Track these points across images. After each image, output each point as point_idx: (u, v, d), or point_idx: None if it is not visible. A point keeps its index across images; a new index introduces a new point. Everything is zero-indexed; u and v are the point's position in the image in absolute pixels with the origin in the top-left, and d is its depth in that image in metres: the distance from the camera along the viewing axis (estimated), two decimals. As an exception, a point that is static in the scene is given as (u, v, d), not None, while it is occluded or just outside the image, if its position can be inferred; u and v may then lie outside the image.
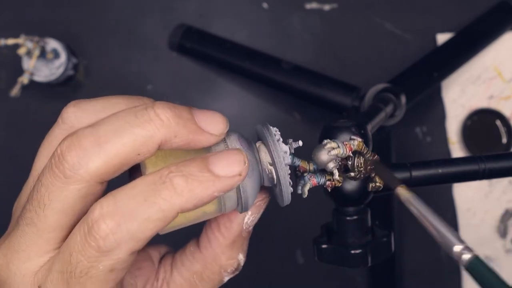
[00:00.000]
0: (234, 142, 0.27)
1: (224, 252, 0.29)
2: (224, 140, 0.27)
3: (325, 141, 0.28)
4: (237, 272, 0.30)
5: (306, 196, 0.28)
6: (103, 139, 0.23)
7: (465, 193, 0.66)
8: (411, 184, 0.34)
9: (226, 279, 0.30)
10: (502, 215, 0.65)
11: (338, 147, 0.27)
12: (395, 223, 0.62)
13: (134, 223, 0.22)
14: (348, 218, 0.34)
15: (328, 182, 0.29)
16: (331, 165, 0.27)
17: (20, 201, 0.27)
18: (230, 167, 0.24)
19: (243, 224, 0.29)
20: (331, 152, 0.27)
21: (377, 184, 0.30)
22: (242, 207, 0.27)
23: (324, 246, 0.35)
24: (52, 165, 0.23)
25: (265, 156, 0.27)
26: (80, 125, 0.26)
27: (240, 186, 0.26)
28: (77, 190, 0.23)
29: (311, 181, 0.28)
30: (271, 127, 0.28)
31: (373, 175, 0.29)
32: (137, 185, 0.23)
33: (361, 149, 0.29)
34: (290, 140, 0.28)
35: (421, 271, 0.66)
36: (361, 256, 0.33)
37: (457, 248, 0.23)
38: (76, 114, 0.27)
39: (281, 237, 0.66)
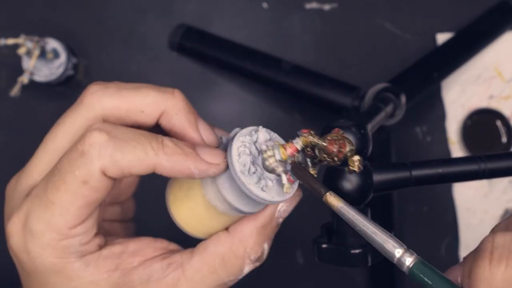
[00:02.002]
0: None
1: (252, 235, 0.30)
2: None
3: (264, 148, 0.28)
4: (258, 264, 0.31)
5: (286, 193, 0.28)
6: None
7: (465, 193, 0.66)
8: (411, 184, 0.34)
9: (246, 270, 0.30)
10: (502, 215, 0.65)
11: (274, 154, 0.28)
12: (395, 223, 0.62)
13: (120, 147, 0.25)
14: (348, 218, 0.34)
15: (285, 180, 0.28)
16: (279, 170, 0.28)
17: (27, 175, 0.29)
18: (211, 156, 0.27)
19: (276, 211, 0.31)
20: (266, 162, 0.28)
21: (351, 168, 0.28)
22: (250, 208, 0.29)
23: (324, 246, 0.35)
24: (73, 154, 0.26)
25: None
26: (101, 106, 0.28)
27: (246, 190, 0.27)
28: (86, 119, 0.28)
29: (288, 178, 0.28)
30: (238, 138, 0.28)
31: (338, 158, 0.28)
32: (137, 131, 0.27)
33: (310, 143, 0.28)
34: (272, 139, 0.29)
35: (421, 271, 0.65)
36: (361, 256, 0.33)
37: (398, 252, 0.22)
38: (97, 95, 0.29)
39: (281, 237, 0.66)
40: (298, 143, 0.28)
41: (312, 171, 0.29)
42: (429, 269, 0.21)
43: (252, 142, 0.28)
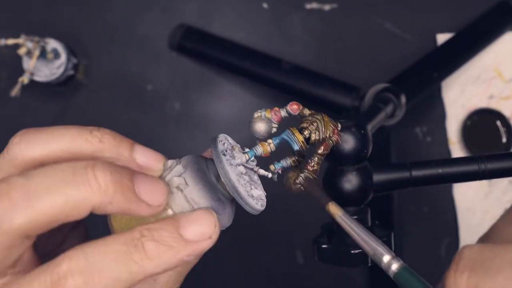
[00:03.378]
0: (190, 179, 0.26)
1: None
2: (180, 174, 0.26)
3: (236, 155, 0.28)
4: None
5: (275, 179, 0.28)
6: (33, 194, 0.22)
7: (465, 193, 0.66)
8: (411, 184, 0.34)
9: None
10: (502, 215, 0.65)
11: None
12: (395, 223, 0.62)
13: (102, 282, 0.22)
14: (348, 218, 0.34)
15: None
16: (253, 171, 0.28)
17: None
18: (200, 231, 0.24)
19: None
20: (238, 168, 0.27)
21: (331, 141, 0.29)
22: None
23: (324, 246, 0.35)
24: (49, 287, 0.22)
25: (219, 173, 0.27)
26: (22, 157, 0.25)
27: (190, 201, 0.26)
28: (1, 242, 0.22)
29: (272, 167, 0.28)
30: (218, 140, 0.27)
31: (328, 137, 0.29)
32: (109, 243, 0.23)
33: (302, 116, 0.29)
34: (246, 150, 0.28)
35: (421, 271, 0.66)
36: (361, 256, 0.33)
37: (386, 258, 0.24)
38: (20, 146, 0.25)
39: (281, 237, 0.66)
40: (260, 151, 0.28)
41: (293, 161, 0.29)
42: (412, 276, 0.23)
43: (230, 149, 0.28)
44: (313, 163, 0.29)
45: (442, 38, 0.67)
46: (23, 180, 0.22)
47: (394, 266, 0.24)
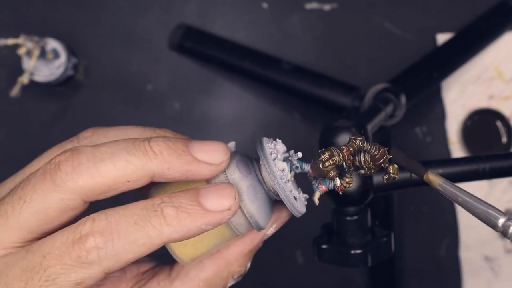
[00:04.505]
0: (232, 170, 0.26)
1: (238, 259, 0.29)
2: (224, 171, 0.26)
3: (319, 152, 0.26)
4: (240, 279, 0.30)
5: (318, 204, 0.27)
6: (98, 159, 0.24)
7: (465, 193, 0.66)
8: (411, 184, 0.34)
9: (229, 285, 0.29)
10: (502, 215, 0.65)
11: (334, 156, 0.26)
12: (395, 223, 0.62)
13: (121, 243, 0.23)
14: (348, 218, 0.34)
15: (337, 186, 0.27)
16: (332, 174, 0.26)
17: None
18: (220, 202, 0.24)
19: (265, 236, 0.30)
20: (325, 163, 0.26)
21: (392, 175, 0.28)
22: (257, 227, 0.27)
23: (324, 246, 0.35)
24: (46, 170, 0.24)
25: (266, 175, 0.27)
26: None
27: (246, 212, 0.26)
28: (60, 200, 0.24)
29: (320, 188, 0.27)
30: (266, 144, 0.27)
31: (386, 165, 0.27)
32: (130, 208, 0.24)
33: (362, 147, 0.27)
34: (291, 152, 0.27)
35: (421, 271, 0.66)
36: (361, 256, 0.33)
37: (501, 221, 0.23)
38: (91, 139, 0.28)
39: (281, 237, 0.66)
40: (354, 146, 0.26)
41: (347, 178, 0.27)
42: None
43: (277, 150, 0.27)
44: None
45: (442, 38, 0.67)
46: (90, 148, 0.24)
47: None
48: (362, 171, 0.27)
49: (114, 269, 0.23)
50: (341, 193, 0.27)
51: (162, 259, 0.30)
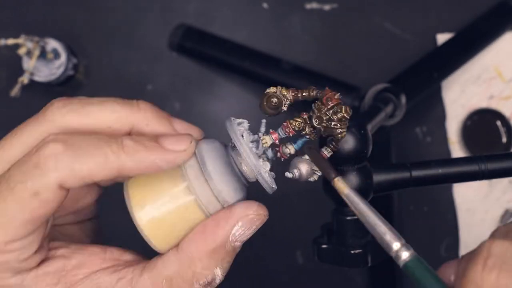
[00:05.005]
0: (202, 151, 0.28)
1: (201, 259, 0.27)
2: (195, 154, 0.28)
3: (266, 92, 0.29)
4: None
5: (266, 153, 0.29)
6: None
7: (465, 193, 0.66)
8: (411, 184, 0.34)
9: None
10: (502, 215, 0.65)
11: (276, 92, 0.30)
12: (395, 223, 0.62)
13: (78, 154, 0.24)
14: (348, 218, 0.34)
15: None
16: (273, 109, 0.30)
17: None
18: (176, 143, 0.26)
19: (230, 234, 0.27)
20: (270, 98, 0.30)
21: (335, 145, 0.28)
22: (221, 204, 0.28)
23: (324, 246, 0.35)
24: (30, 154, 0.25)
25: (235, 152, 0.28)
26: (62, 123, 0.27)
27: (213, 187, 0.27)
28: (45, 132, 0.27)
29: (272, 135, 0.29)
30: (234, 123, 0.29)
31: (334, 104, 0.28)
32: (94, 136, 0.26)
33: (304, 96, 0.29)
34: (260, 134, 0.30)
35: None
36: (361, 256, 0.33)
37: (396, 246, 0.22)
38: (61, 111, 0.28)
39: (281, 237, 0.66)
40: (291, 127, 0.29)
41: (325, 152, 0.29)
42: (423, 266, 0.22)
43: (244, 128, 0.29)
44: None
45: (442, 38, 0.67)
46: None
47: (405, 255, 0.22)
48: (324, 126, 0.27)
49: (68, 182, 0.24)
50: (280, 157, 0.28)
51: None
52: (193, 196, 0.27)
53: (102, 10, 0.71)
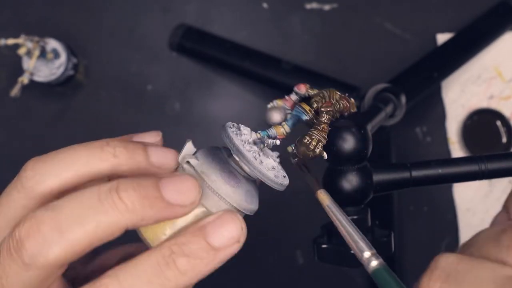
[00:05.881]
0: (212, 175, 0.26)
1: None
2: (199, 174, 0.26)
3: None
4: None
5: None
6: (64, 226, 0.22)
7: (465, 193, 0.66)
8: (411, 184, 0.34)
9: None
10: (502, 215, 0.65)
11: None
12: (395, 223, 0.62)
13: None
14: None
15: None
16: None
17: None
18: (228, 237, 0.23)
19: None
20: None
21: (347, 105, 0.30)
22: (229, 203, 0.26)
23: (324, 246, 0.35)
24: (10, 248, 0.22)
25: (237, 162, 0.27)
26: (39, 190, 0.24)
27: (216, 193, 0.25)
28: (36, 276, 0.22)
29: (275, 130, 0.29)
30: (228, 127, 0.27)
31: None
32: (140, 264, 0.23)
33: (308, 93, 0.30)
34: (260, 134, 0.28)
35: (421, 271, 0.66)
36: (361, 256, 0.33)
37: (367, 254, 0.24)
38: (34, 179, 0.24)
39: (281, 237, 0.66)
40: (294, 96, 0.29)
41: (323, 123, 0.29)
42: (389, 276, 0.23)
43: (240, 131, 0.28)
44: (321, 124, 0.29)
45: (442, 38, 0.67)
46: (50, 213, 0.22)
47: (374, 263, 0.24)
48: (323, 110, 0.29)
49: (66, 262, 0.22)
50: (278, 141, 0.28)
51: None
52: (205, 208, 0.26)
53: (102, 10, 0.71)
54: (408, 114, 0.56)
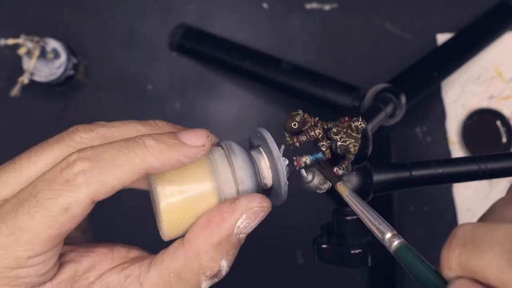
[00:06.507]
0: (233, 146, 0.30)
1: (207, 251, 0.27)
2: (225, 148, 0.30)
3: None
4: (216, 280, 0.29)
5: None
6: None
7: (465, 193, 0.66)
8: (411, 184, 0.34)
9: (204, 285, 0.28)
10: (502, 215, 0.65)
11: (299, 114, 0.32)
12: (395, 223, 0.62)
13: (106, 167, 0.25)
14: (348, 218, 0.34)
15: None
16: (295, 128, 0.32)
17: None
18: (195, 139, 0.27)
19: (235, 227, 0.28)
20: (293, 117, 0.32)
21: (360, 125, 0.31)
22: (238, 192, 0.29)
23: (324, 246, 0.35)
24: (57, 177, 0.25)
25: (262, 161, 0.30)
26: (90, 145, 0.27)
27: (237, 175, 0.29)
28: (75, 203, 0.25)
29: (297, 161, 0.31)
30: (264, 130, 0.30)
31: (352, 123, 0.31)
32: (114, 142, 0.26)
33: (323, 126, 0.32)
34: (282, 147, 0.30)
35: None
36: (361, 256, 0.33)
37: (388, 235, 0.26)
38: (89, 134, 0.30)
39: (281, 237, 0.66)
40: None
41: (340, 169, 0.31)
42: (411, 253, 0.25)
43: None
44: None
45: (442, 38, 0.67)
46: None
47: (395, 243, 0.25)
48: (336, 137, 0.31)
49: (100, 194, 0.25)
50: (297, 168, 0.30)
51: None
52: (216, 181, 0.28)
53: (102, 10, 0.71)
54: (408, 114, 0.56)
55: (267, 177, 0.30)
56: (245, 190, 0.29)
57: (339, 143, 0.30)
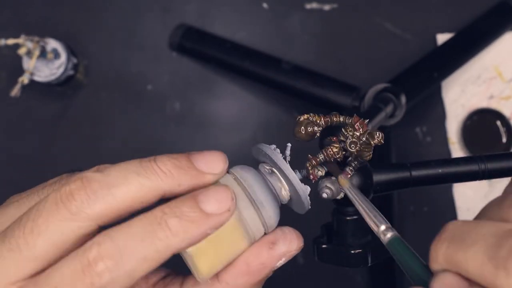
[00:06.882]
0: (249, 180, 0.28)
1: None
2: (232, 174, 0.28)
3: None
4: None
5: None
6: (111, 184, 0.24)
7: (465, 193, 0.66)
8: (411, 184, 0.34)
9: None
10: (502, 215, 0.65)
11: (310, 118, 0.30)
12: (395, 223, 0.62)
13: (131, 262, 0.23)
14: (348, 218, 0.34)
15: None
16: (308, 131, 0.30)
17: None
18: (219, 204, 0.25)
19: (274, 267, 0.29)
20: (303, 123, 0.30)
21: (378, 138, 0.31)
22: (266, 230, 0.28)
23: (324, 246, 0.35)
24: (58, 199, 0.24)
25: (274, 178, 0.29)
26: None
27: (263, 213, 0.28)
28: (78, 228, 0.24)
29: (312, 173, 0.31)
30: (271, 147, 0.29)
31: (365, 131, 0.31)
32: (133, 225, 0.24)
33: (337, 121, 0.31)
34: (286, 152, 0.30)
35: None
36: (361, 256, 0.33)
37: (382, 227, 0.26)
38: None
39: (281, 237, 0.66)
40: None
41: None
42: (403, 246, 0.25)
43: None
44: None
45: (442, 38, 0.67)
46: (100, 174, 0.24)
47: (388, 235, 0.26)
48: (353, 147, 0.31)
49: (128, 286, 0.24)
50: (313, 181, 0.31)
51: (175, 267, 0.30)
52: (242, 224, 0.27)
53: (102, 10, 0.71)
54: (408, 114, 0.56)
55: (286, 197, 0.30)
56: (272, 223, 0.29)
57: (354, 154, 0.31)
